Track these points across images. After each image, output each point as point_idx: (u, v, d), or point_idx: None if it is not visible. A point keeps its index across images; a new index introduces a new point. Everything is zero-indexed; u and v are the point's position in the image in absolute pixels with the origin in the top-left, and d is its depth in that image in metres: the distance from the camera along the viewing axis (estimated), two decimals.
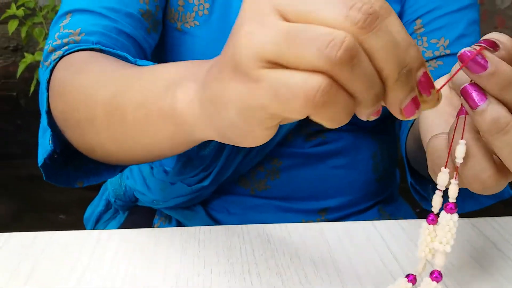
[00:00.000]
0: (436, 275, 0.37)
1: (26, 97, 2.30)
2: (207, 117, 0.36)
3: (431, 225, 0.37)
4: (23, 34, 1.94)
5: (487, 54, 0.34)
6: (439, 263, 0.37)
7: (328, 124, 0.30)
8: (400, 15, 0.70)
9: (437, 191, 0.37)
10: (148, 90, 0.43)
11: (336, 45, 0.28)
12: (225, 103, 0.32)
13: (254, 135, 0.34)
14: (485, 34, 0.37)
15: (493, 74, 0.33)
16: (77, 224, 0.83)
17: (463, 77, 0.35)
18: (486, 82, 0.34)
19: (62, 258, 0.45)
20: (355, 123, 0.71)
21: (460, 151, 0.35)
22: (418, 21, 0.69)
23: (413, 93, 0.31)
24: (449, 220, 0.36)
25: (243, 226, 0.50)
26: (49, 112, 0.54)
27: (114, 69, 0.50)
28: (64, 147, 0.55)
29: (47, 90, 0.54)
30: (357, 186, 0.73)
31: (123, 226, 0.78)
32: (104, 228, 0.81)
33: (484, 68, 0.33)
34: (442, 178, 0.36)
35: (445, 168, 0.36)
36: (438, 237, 0.36)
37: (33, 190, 2.13)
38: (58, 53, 0.56)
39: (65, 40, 0.57)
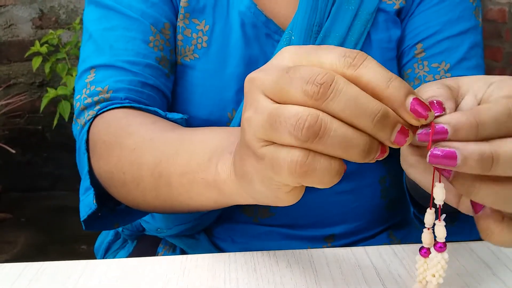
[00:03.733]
0: None
1: (51, 131, 2.36)
2: (243, 189, 0.40)
3: (424, 258, 0.38)
4: (46, 70, 2.00)
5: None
6: None
7: (320, 186, 0.34)
8: (401, 40, 0.70)
9: (424, 229, 0.38)
10: (191, 159, 0.47)
11: (300, 125, 0.32)
12: (250, 178, 0.38)
13: (281, 199, 0.38)
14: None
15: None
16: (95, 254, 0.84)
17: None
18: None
19: None
20: None
21: (437, 193, 0.36)
22: (419, 46, 0.69)
23: (397, 128, 0.32)
24: (440, 259, 0.38)
25: (231, 254, 0.49)
26: (90, 172, 0.56)
27: (156, 133, 0.54)
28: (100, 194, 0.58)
29: (87, 150, 0.57)
30: (364, 213, 0.72)
31: (131, 255, 0.78)
32: (114, 258, 0.81)
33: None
34: (428, 218, 0.38)
35: (430, 209, 0.37)
36: (430, 270, 0.38)
37: (59, 221, 2.16)
38: (91, 113, 0.60)
39: (95, 99, 0.61)
